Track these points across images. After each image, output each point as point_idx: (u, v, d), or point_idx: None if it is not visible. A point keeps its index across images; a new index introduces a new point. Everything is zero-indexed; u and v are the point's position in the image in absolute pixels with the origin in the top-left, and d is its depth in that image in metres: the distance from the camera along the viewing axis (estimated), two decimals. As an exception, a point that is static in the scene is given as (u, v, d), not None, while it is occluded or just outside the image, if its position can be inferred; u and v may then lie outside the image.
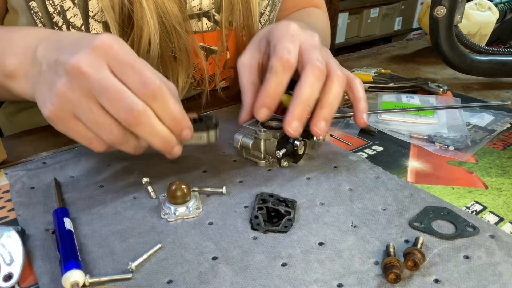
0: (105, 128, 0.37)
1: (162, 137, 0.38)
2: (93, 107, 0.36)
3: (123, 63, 0.36)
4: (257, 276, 0.32)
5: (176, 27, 0.53)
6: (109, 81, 0.36)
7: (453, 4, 0.64)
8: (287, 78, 0.42)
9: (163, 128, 0.38)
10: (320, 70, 0.42)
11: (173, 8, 0.52)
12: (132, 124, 0.36)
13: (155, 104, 0.37)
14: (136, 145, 0.39)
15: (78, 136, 0.38)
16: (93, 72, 0.36)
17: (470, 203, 0.41)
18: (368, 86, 0.68)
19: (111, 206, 0.40)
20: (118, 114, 0.36)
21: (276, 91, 0.42)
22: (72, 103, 0.37)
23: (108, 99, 0.36)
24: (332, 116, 0.43)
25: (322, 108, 0.43)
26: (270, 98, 0.42)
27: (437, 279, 0.32)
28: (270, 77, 0.42)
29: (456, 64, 0.70)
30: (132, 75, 0.36)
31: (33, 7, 0.51)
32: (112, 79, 0.36)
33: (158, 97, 0.37)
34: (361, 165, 0.47)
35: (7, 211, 0.40)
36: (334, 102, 0.43)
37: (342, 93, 0.44)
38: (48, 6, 0.50)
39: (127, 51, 0.37)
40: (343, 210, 0.39)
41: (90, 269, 0.33)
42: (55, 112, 0.38)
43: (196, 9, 0.57)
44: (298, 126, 0.42)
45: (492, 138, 0.53)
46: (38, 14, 0.51)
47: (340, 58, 0.89)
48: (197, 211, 0.39)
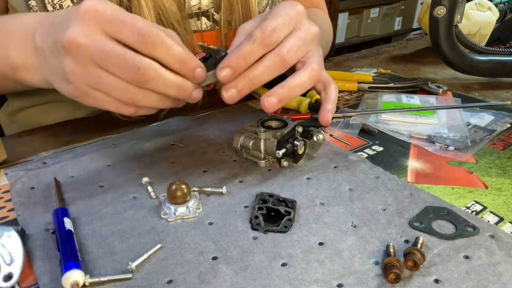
0: (120, 89, 0.37)
1: (175, 85, 0.38)
2: (101, 73, 0.37)
3: (113, 22, 0.36)
4: (257, 276, 0.32)
5: (174, 25, 0.53)
6: (107, 45, 0.36)
7: (453, 4, 0.64)
8: (261, 53, 0.40)
9: (173, 76, 0.37)
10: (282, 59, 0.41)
11: (172, 6, 0.52)
12: (142, 81, 0.36)
13: (158, 52, 0.36)
14: (158, 97, 0.39)
15: (104, 104, 0.39)
16: (88, 41, 0.36)
17: (470, 203, 0.41)
18: (368, 86, 0.68)
19: (111, 206, 0.40)
20: (126, 76, 0.36)
21: (245, 57, 0.40)
22: (83, 76, 0.37)
23: (111, 63, 0.36)
24: (288, 100, 0.42)
25: (282, 87, 0.42)
26: (237, 60, 0.40)
27: (437, 279, 0.32)
28: (246, 42, 0.40)
29: (456, 64, 0.70)
30: (126, 30, 0.36)
31: (33, 5, 0.51)
32: (108, 43, 0.36)
33: (158, 44, 0.36)
34: (361, 165, 0.47)
35: (7, 211, 0.40)
36: (296, 88, 0.42)
37: (308, 84, 0.43)
38: (47, 4, 0.50)
39: (114, 9, 0.37)
40: (343, 210, 0.39)
41: (90, 269, 0.33)
42: (74, 91, 0.39)
43: (195, 8, 0.57)
44: (228, 72, 0.40)
45: (492, 138, 0.53)
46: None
47: (340, 58, 0.89)
48: (197, 211, 0.39)
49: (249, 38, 0.40)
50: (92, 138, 0.54)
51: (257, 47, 0.40)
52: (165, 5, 0.51)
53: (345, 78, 0.71)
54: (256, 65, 0.40)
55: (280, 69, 0.41)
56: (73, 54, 0.37)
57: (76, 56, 0.36)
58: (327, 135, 0.54)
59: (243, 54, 0.39)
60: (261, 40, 0.40)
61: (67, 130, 0.57)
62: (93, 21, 0.36)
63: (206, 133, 0.54)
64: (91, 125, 0.58)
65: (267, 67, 0.40)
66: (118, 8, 0.37)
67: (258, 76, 0.40)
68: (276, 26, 0.40)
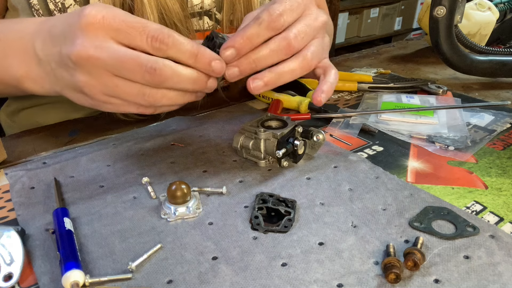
0: (137, 94, 0.37)
1: (191, 79, 0.38)
2: (117, 82, 0.37)
3: (121, 29, 0.36)
4: (257, 276, 0.32)
5: (177, 25, 0.53)
6: (120, 53, 0.36)
7: (453, 4, 0.64)
8: (267, 36, 0.40)
9: (188, 70, 0.38)
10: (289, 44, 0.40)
11: (174, 5, 0.52)
12: (159, 82, 0.36)
13: (171, 51, 0.36)
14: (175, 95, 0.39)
15: (124, 108, 0.39)
16: (100, 52, 0.35)
17: (470, 203, 0.41)
18: (368, 86, 0.68)
19: (111, 206, 0.40)
20: (143, 79, 0.36)
21: (250, 39, 0.39)
22: (98, 87, 0.37)
23: (127, 70, 0.36)
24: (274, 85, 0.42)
25: (270, 71, 0.41)
26: (242, 41, 0.39)
27: (437, 279, 0.32)
28: (252, 24, 0.39)
29: (456, 64, 0.70)
30: (137, 36, 0.36)
31: (34, 4, 0.51)
32: (121, 50, 0.36)
33: (170, 44, 0.36)
34: (361, 165, 0.46)
35: (7, 211, 0.40)
36: (285, 74, 0.42)
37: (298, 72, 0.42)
38: (49, 3, 0.50)
39: (120, 14, 0.37)
40: (343, 210, 0.39)
41: (90, 269, 0.33)
42: (92, 102, 0.39)
43: (197, 8, 0.57)
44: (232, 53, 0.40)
45: (492, 138, 0.53)
46: (39, 11, 0.51)
47: (340, 58, 0.89)
48: (197, 211, 0.39)
49: (255, 20, 0.39)
50: (92, 138, 0.54)
51: (263, 30, 0.39)
52: (168, 4, 0.51)
53: (345, 78, 0.71)
54: (261, 48, 0.40)
55: (285, 54, 0.41)
56: (85, 67, 0.36)
57: (89, 68, 0.36)
58: (327, 135, 0.54)
59: (248, 36, 0.39)
60: (268, 23, 0.39)
61: (67, 130, 0.57)
62: (100, 31, 0.36)
63: (206, 133, 0.54)
64: (91, 125, 0.58)
65: (272, 50, 0.40)
66: (123, 13, 0.37)
67: (262, 58, 0.40)
68: (283, 10, 0.40)
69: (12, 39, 0.44)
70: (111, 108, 0.40)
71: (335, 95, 0.68)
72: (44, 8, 0.51)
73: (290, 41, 0.40)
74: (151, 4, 0.50)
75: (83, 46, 0.36)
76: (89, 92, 0.38)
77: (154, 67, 0.35)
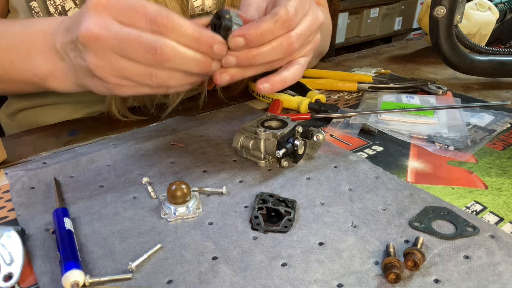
0: (144, 75, 0.38)
1: (195, 60, 0.38)
2: (123, 62, 0.37)
3: (124, 10, 0.37)
4: (257, 276, 0.32)
5: None
6: (123, 33, 0.36)
7: (453, 4, 0.64)
8: (280, 33, 0.40)
9: (191, 51, 0.38)
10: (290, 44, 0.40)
11: (175, 8, 0.52)
12: (162, 61, 0.36)
13: (173, 34, 0.37)
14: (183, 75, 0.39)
15: (138, 90, 0.40)
16: (104, 31, 0.36)
17: (470, 203, 0.41)
18: (368, 86, 0.68)
19: (111, 206, 0.40)
20: (145, 59, 0.36)
21: (264, 34, 0.39)
22: (107, 68, 0.38)
23: (129, 49, 0.36)
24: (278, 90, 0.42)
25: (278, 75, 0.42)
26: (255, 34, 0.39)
27: (437, 279, 0.32)
28: (269, 19, 0.39)
29: (456, 64, 0.70)
30: (138, 17, 0.36)
31: (34, 7, 0.51)
32: (124, 30, 0.36)
33: (170, 27, 0.36)
34: (361, 165, 0.46)
35: (7, 211, 0.40)
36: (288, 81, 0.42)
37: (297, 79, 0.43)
38: (49, 6, 0.50)
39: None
40: (343, 210, 0.39)
41: (90, 269, 0.33)
42: (105, 85, 0.40)
43: (198, 10, 0.57)
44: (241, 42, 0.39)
45: (492, 138, 0.53)
46: (39, 14, 0.51)
47: (340, 58, 0.89)
48: (197, 211, 0.39)
49: (273, 16, 0.39)
50: (92, 138, 0.54)
51: (279, 28, 0.39)
52: (168, 7, 0.51)
53: (345, 78, 0.71)
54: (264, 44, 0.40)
55: (285, 53, 0.41)
56: (92, 47, 0.37)
57: (96, 49, 0.37)
58: (327, 135, 0.54)
59: (263, 31, 0.38)
60: (284, 21, 0.39)
61: (67, 130, 0.57)
62: (104, 12, 0.37)
63: (206, 133, 0.54)
64: (91, 125, 0.58)
65: (274, 48, 0.40)
66: None
67: (261, 54, 0.40)
68: (297, 8, 0.40)
69: (35, 40, 0.45)
70: (126, 91, 0.40)
71: (335, 95, 0.68)
72: (44, 10, 0.51)
73: (292, 42, 0.40)
74: None
75: (88, 26, 0.37)
76: (100, 75, 0.39)
77: (155, 46, 0.36)
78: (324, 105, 0.60)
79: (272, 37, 0.40)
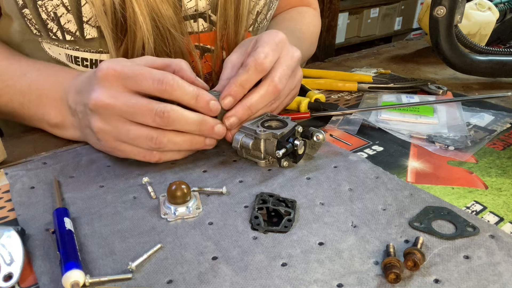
0: (146, 138, 0.42)
1: (196, 121, 0.43)
2: (129, 127, 0.42)
3: (132, 77, 0.41)
4: (257, 276, 0.32)
5: (171, 30, 0.53)
6: (133, 100, 0.41)
7: (453, 4, 0.64)
8: (256, 78, 0.45)
9: (193, 113, 0.43)
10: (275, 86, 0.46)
11: (168, 11, 0.52)
12: (167, 123, 0.41)
13: (176, 93, 0.41)
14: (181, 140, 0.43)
15: (134, 155, 0.44)
16: (114, 100, 0.41)
17: (470, 203, 0.41)
18: (368, 86, 0.68)
19: (111, 206, 0.40)
20: (154, 121, 0.41)
21: (243, 85, 0.45)
22: (112, 132, 0.42)
23: (140, 115, 0.41)
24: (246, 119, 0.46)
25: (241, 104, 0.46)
26: (236, 89, 0.45)
27: (437, 279, 0.32)
28: (242, 72, 0.45)
29: (456, 64, 0.70)
30: (145, 82, 0.41)
31: (26, 14, 0.50)
32: (133, 97, 0.41)
33: (175, 87, 0.41)
34: (361, 165, 0.47)
35: (7, 211, 0.40)
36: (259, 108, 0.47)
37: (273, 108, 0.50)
38: (42, 13, 0.50)
39: (129, 65, 0.42)
40: (343, 210, 0.39)
41: (90, 269, 0.33)
42: (104, 146, 0.45)
43: (192, 11, 0.57)
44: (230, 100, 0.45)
45: (492, 138, 0.53)
46: (32, 21, 0.51)
47: (340, 58, 0.89)
48: (197, 211, 0.39)
49: (243, 68, 0.45)
50: (92, 138, 0.54)
51: (252, 75, 0.45)
52: (160, 11, 0.51)
53: (345, 78, 0.71)
54: (252, 94, 0.45)
55: (273, 96, 0.46)
56: (100, 113, 0.41)
57: (104, 115, 0.41)
58: (327, 135, 0.54)
59: (240, 82, 0.45)
60: (255, 68, 0.45)
61: (67, 130, 0.57)
62: (114, 81, 0.41)
63: (206, 133, 0.54)
64: (91, 125, 0.58)
65: (262, 96, 0.46)
66: (131, 64, 0.42)
67: (255, 103, 0.45)
68: (267, 53, 0.45)
69: (49, 90, 0.49)
70: (119, 154, 0.45)
71: (335, 95, 0.68)
72: (36, 17, 0.50)
73: (276, 85, 0.46)
74: (143, 12, 0.49)
75: (99, 96, 0.41)
76: (102, 138, 0.43)
77: (163, 110, 0.40)
78: (323, 104, 0.60)
79: (251, 83, 0.45)
